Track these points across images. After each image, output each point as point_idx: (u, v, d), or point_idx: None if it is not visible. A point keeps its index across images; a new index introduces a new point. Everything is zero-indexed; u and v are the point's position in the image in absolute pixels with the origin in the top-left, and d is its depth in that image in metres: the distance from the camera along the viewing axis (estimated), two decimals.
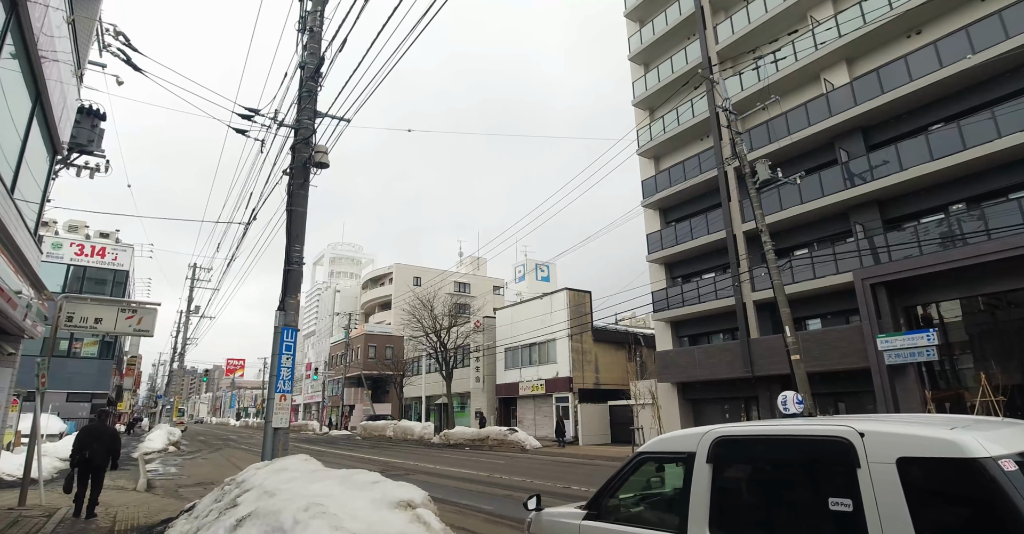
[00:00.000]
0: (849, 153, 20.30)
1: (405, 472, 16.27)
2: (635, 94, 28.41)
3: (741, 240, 22.28)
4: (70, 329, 9.45)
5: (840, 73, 21.17)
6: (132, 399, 65.38)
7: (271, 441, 7.48)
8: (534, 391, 30.52)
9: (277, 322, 7.93)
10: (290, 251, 8.41)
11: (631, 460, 4.00)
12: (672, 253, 25.17)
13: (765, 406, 21.27)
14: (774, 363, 20.27)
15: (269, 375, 7.73)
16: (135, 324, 10.04)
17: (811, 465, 2.96)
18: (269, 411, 7.57)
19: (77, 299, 9.86)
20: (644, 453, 3.96)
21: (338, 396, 53.59)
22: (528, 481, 13.83)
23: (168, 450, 26.65)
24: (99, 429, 8.63)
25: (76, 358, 29.83)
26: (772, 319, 21.70)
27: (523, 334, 31.58)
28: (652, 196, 26.39)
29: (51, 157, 9.40)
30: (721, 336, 24.15)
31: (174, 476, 16.16)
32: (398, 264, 60.15)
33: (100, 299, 10.01)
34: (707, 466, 3.42)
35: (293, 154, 9.05)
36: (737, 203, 22.63)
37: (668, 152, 27.17)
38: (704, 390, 23.68)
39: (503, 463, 19.45)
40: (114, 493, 11.99)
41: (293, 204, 8.64)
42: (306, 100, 9.20)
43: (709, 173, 23.70)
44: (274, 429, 7.57)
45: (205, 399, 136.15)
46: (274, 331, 7.94)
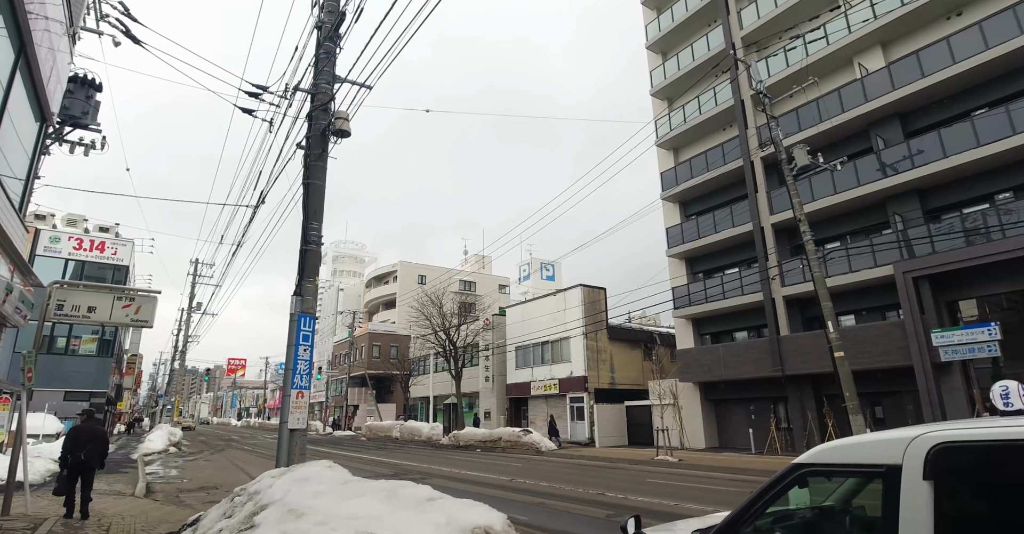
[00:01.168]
0: (886, 140, 19.30)
1: (421, 476, 15.28)
2: (653, 83, 27.43)
3: (769, 233, 21.28)
4: (60, 319, 8.47)
5: (875, 57, 20.18)
6: (132, 399, 64.44)
7: (287, 444, 6.49)
8: (547, 391, 29.52)
9: (293, 308, 6.94)
10: (307, 229, 7.43)
11: (785, 474, 2.98)
12: (694, 248, 24.16)
13: (795, 407, 20.26)
14: (806, 361, 19.27)
15: (284, 369, 6.75)
16: (132, 314, 9.06)
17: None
18: (284, 410, 6.59)
19: (68, 286, 8.87)
20: (807, 466, 2.93)
21: (341, 396, 52.59)
22: (556, 486, 12.83)
23: (169, 451, 25.69)
24: (90, 430, 8.44)
25: (74, 355, 28.87)
26: (802, 315, 20.73)
27: (535, 332, 30.59)
28: (672, 188, 25.39)
29: (40, 126, 8.42)
30: (746, 334, 23.15)
31: (175, 479, 15.18)
32: (403, 262, 59.18)
33: (94, 286, 9.04)
34: (925, 485, 2.40)
35: (309, 122, 8.08)
36: (765, 194, 21.63)
37: (688, 143, 26.18)
38: (728, 390, 22.68)
39: (520, 466, 18.46)
40: (110, 499, 11.02)
41: (310, 177, 7.67)
42: (324, 62, 8.23)
43: (734, 163, 22.71)
44: (290, 430, 6.59)
45: (206, 399, 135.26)
46: (289, 319, 6.95)
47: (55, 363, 28.02)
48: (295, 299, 7.06)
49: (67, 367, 28.32)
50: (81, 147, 10.65)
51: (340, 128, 7.63)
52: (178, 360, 35.99)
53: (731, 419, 23.13)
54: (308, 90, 8.21)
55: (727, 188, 23.87)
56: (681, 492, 11.93)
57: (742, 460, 17.75)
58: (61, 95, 8.88)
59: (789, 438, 20.21)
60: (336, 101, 8.35)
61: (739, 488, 12.62)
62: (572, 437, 27.42)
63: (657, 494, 11.51)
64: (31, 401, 26.36)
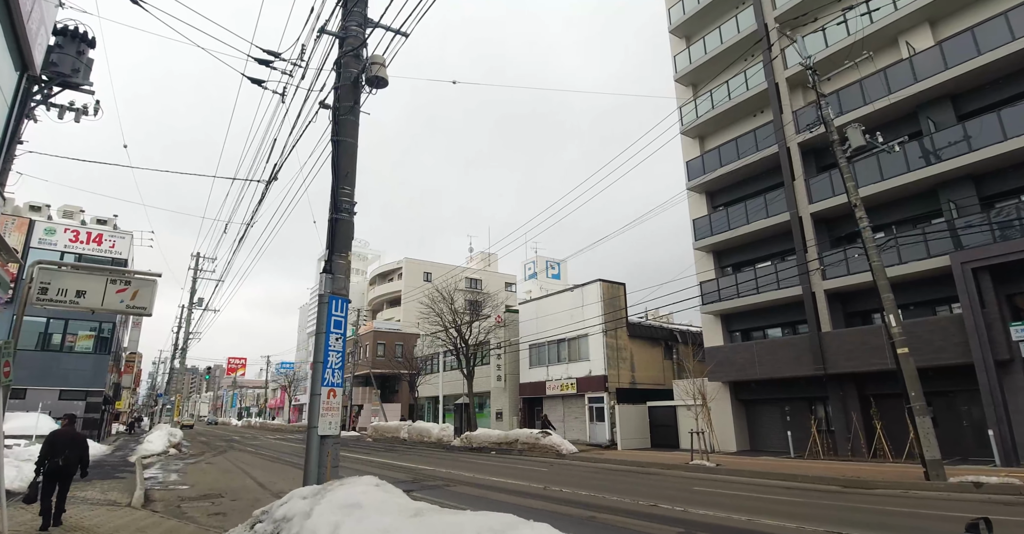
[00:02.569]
0: (936, 123, 18.06)
1: (444, 482, 14.04)
2: (676, 69, 26.18)
3: (808, 223, 20.03)
4: (44, 304, 7.22)
5: (922, 36, 18.93)
6: (131, 398, 63.16)
7: (317, 453, 5.25)
8: (563, 390, 28.27)
9: (323, 288, 5.70)
10: (338, 194, 6.19)
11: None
12: (722, 240, 22.91)
13: (837, 407, 19.01)
14: (851, 359, 18.03)
15: (313, 362, 5.51)
16: (128, 299, 7.80)
17: None
18: (314, 412, 5.34)
19: (54, 266, 7.61)
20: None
21: (346, 396, 51.32)
22: (598, 496, 11.59)
23: (168, 452, 24.45)
24: (71, 434, 7.96)
25: (70, 352, 27.63)
26: (844, 311, 19.47)
27: (550, 329, 29.33)
28: (698, 178, 24.14)
29: (20, 77, 7.16)
30: (780, 330, 21.90)
31: (176, 486, 13.92)
32: (408, 259, 57.92)
33: (83, 267, 7.78)
34: None
35: (338, 71, 6.83)
36: (803, 182, 20.36)
37: (715, 131, 24.93)
38: (761, 390, 21.43)
39: (546, 471, 17.23)
40: (104, 511, 9.78)
41: (340, 133, 6.42)
42: (353, 2, 6.96)
43: (768, 150, 21.45)
44: (320, 437, 5.34)
45: (206, 398, 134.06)
46: (318, 302, 5.71)
47: (50, 360, 26.82)
48: (324, 278, 5.82)
49: (63, 364, 27.11)
50: (71, 112, 9.41)
51: (376, 74, 6.38)
52: (179, 358, 34.71)
53: (763, 421, 21.88)
54: (336, 33, 6.96)
55: (759, 177, 22.63)
56: (744, 503, 10.70)
57: (785, 465, 16.50)
58: (46, 43, 7.62)
59: (830, 441, 18.97)
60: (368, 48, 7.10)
61: (804, 498, 11.37)
62: (591, 439, 26.19)
63: (718, 506, 10.27)
64: (23, 400, 24.97)
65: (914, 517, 9.65)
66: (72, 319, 27.83)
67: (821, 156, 20.96)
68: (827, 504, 10.78)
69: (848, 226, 19.81)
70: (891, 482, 12.93)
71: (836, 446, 18.88)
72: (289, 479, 14.86)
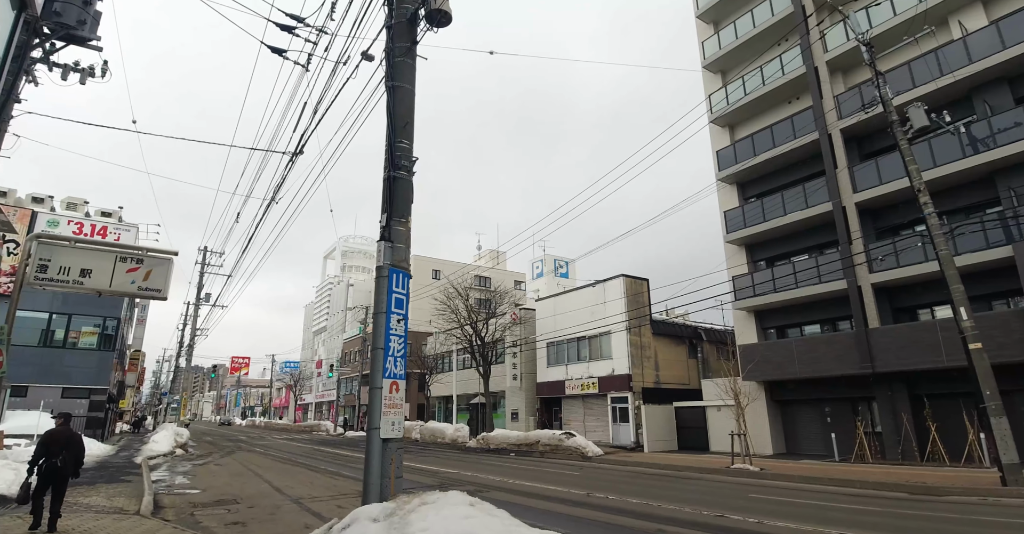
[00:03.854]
0: (992, 107, 16.97)
1: (475, 488, 12.98)
2: (705, 55, 25.11)
3: (853, 213, 18.93)
4: (44, 284, 6.21)
5: (975, 16, 17.85)
6: (134, 397, 62.26)
7: (379, 462, 4.21)
8: (584, 390, 27.21)
9: (381, 259, 4.67)
10: (394, 149, 5.16)
11: None
12: (756, 232, 21.82)
13: (885, 408, 17.91)
14: (901, 357, 16.94)
15: (371, 348, 4.48)
16: (141, 280, 6.79)
17: None
18: (374, 411, 4.31)
19: (56, 241, 6.60)
20: None
21: (353, 395, 50.37)
22: (651, 504, 10.54)
23: (175, 453, 23.49)
24: (66, 434, 7.57)
25: (73, 349, 26.66)
26: (891, 306, 18.38)
27: (569, 327, 28.29)
28: (730, 168, 23.05)
29: (16, 16, 6.14)
30: (819, 327, 20.80)
31: (186, 490, 12.90)
32: (416, 256, 56.89)
33: (90, 242, 6.76)
34: None
35: (390, 7, 5.77)
36: (847, 170, 19.27)
37: (746, 119, 23.85)
38: (799, 390, 20.34)
39: (577, 475, 16.18)
40: (110, 521, 8.76)
41: (396, 77, 5.40)
42: None
43: (808, 136, 20.37)
44: (382, 441, 4.29)
45: (209, 397, 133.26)
46: (376, 277, 4.67)
47: (52, 357, 25.86)
48: (383, 246, 4.78)
49: (65, 361, 26.15)
50: (76, 73, 8.38)
51: (439, 7, 5.33)
52: (184, 355, 33.73)
53: (801, 422, 20.80)
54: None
55: (796, 166, 21.55)
56: (819, 514, 9.64)
57: (835, 470, 15.41)
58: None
59: (877, 444, 17.87)
60: None
61: (878, 506, 10.28)
62: (614, 441, 25.12)
63: (793, 517, 9.22)
64: (25, 399, 23.94)
65: (1011, 529, 8.60)
66: (75, 315, 26.89)
67: (864, 143, 19.89)
68: (910, 514, 9.72)
69: (895, 216, 18.75)
70: (964, 489, 11.87)
71: (884, 449, 17.79)
72: (306, 483, 13.85)
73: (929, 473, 14.28)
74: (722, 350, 29.81)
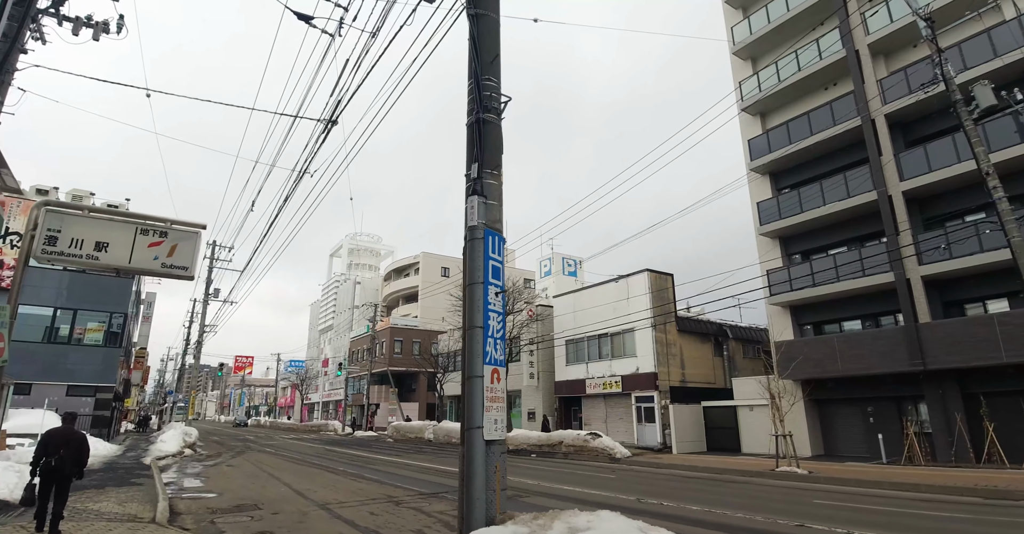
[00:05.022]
0: None
1: (513, 492, 12.05)
2: (734, 41, 24.14)
3: (900, 202, 17.95)
4: (53, 258, 5.30)
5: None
6: (138, 396, 61.43)
7: (483, 471, 3.29)
8: (606, 389, 26.27)
9: (475, 218, 3.74)
10: (480, 88, 4.24)
11: None
12: (793, 224, 20.84)
13: (936, 407, 16.93)
14: (955, 353, 15.96)
15: (464, 329, 3.54)
16: (164, 256, 5.89)
17: None
18: (474, 405, 3.38)
19: (67, 209, 5.69)
20: None
21: (361, 394, 49.47)
22: (717, 512, 9.61)
23: (184, 453, 22.64)
24: (67, 433, 7.38)
25: (79, 345, 25.79)
26: (941, 300, 17.40)
27: (590, 324, 27.35)
28: (763, 157, 22.08)
29: None
30: (859, 322, 19.83)
31: (202, 493, 12.01)
32: (425, 253, 56.03)
33: (107, 212, 5.84)
34: None
35: None
36: (892, 157, 18.29)
37: (779, 106, 22.87)
38: (839, 389, 19.36)
39: (614, 478, 15.25)
40: (125, 530, 7.85)
41: (479, 5, 4.47)
42: None
43: (849, 123, 19.39)
44: (486, 443, 3.35)
45: (213, 396, 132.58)
46: (467, 239, 3.75)
47: (57, 354, 25.01)
48: (476, 202, 3.86)
49: (70, 358, 25.29)
50: (88, 28, 7.47)
51: None
52: (192, 352, 32.87)
53: (840, 422, 19.82)
54: None
55: (835, 154, 20.58)
56: (908, 522, 8.70)
57: (891, 472, 14.41)
58: None
59: (927, 444, 16.89)
60: None
61: (968, 513, 9.28)
62: (639, 441, 24.17)
63: (885, 527, 8.28)
64: (29, 396, 23.05)
65: None
66: (81, 310, 26.04)
67: (909, 130, 18.93)
68: (1005, 521, 8.78)
69: (944, 205, 17.78)
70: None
71: (935, 451, 16.81)
72: (328, 486, 12.95)
73: (994, 475, 13.31)
74: (748, 348, 28.95)
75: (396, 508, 10.11)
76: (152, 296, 42.21)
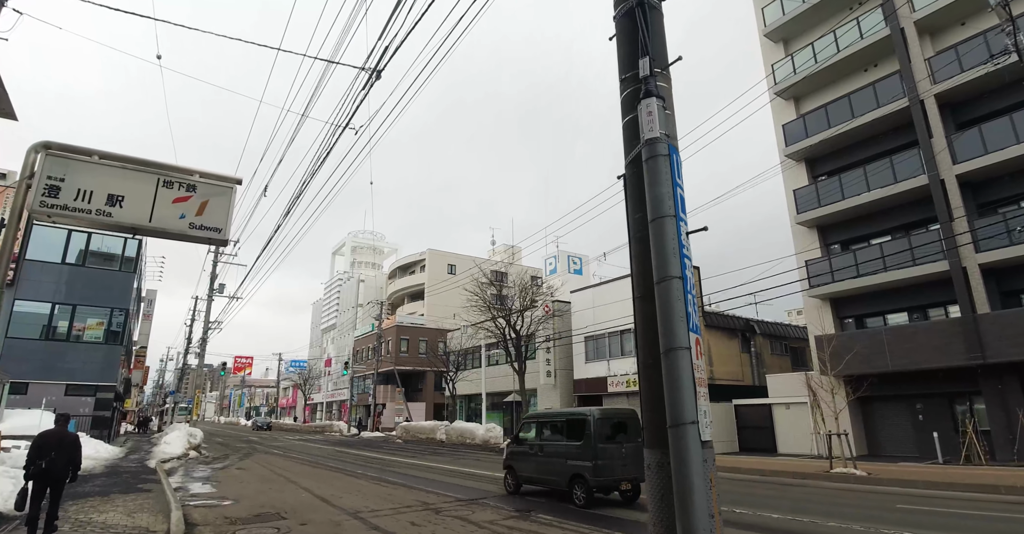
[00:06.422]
0: None
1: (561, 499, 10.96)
2: (765, 22, 23.09)
3: (953, 187, 16.90)
4: (55, 213, 4.23)
5: None
6: (138, 396, 60.13)
7: (704, 487, 2.22)
8: (629, 387, 25.16)
9: (651, 128, 2.67)
10: None
11: None
12: (832, 212, 19.76)
13: (994, 403, 15.88)
14: (1020, 345, 14.94)
15: (655, 285, 2.41)
16: (192, 214, 4.84)
17: None
18: (676, 393, 2.31)
19: (73, 154, 4.57)
20: None
21: (367, 393, 48.28)
22: (803, 520, 8.54)
23: (189, 456, 21.52)
24: (60, 435, 7.23)
25: (78, 343, 24.62)
26: (999, 289, 16.36)
27: (612, 319, 26.25)
28: (799, 142, 21.01)
29: None
30: (906, 315, 18.78)
31: (216, 500, 10.90)
32: (431, 250, 54.87)
33: (121, 159, 4.72)
34: None
35: None
36: (943, 139, 17.24)
37: (814, 90, 21.79)
38: (885, 385, 18.28)
39: None
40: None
41: None
42: None
43: (895, 104, 18.33)
44: (701, 444, 2.22)
45: (212, 397, 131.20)
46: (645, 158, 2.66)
47: (55, 352, 23.81)
48: (653, 106, 2.79)
49: (69, 357, 24.11)
50: None
51: None
52: (194, 351, 31.69)
53: (886, 421, 18.77)
54: None
55: (877, 138, 19.53)
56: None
57: (960, 473, 13.32)
58: None
59: (984, 442, 15.82)
60: None
61: None
62: None
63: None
64: (26, 396, 21.82)
65: None
66: (80, 305, 24.87)
67: (959, 111, 17.88)
68: None
69: (1001, 190, 16.74)
70: None
71: (993, 449, 15.76)
72: (352, 491, 11.84)
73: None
74: (775, 344, 27.91)
75: (437, 517, 9.02)
76: (153, 293, 41.04)
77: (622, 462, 10.19)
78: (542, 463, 11.37)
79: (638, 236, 2.91)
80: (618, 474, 10.12)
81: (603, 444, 10.29)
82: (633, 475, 10.08)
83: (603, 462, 10.07)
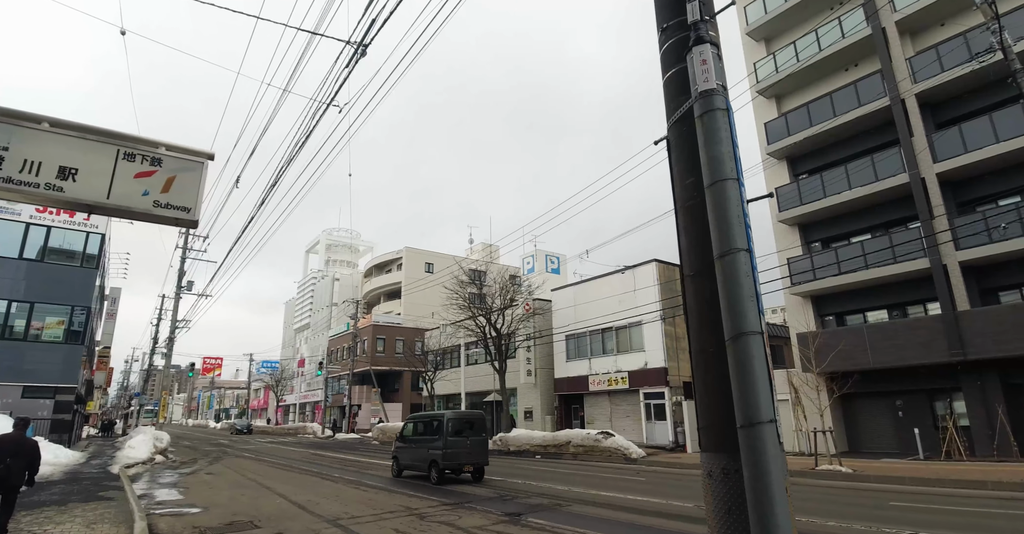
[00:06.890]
0: None
1: (550, 501, 10.56)
2: (748, 21, 23.12)
3: (934, 185, 17.05)
4: (5, 190, 3.62)
5: None
6: (101, 398, 57.90)
7: (783, 496, 1.81)
8: (611, 385, 24.97)
9: (706, 78, 2.35)
10: None
11: None
12: (814, 210, 19.84)
13: (974, 399, 16.06)
14: (1000, 342, 15.12)
15: (717, 259, 2.04)
16: (157, 191, 4.34)
17: None
18: (748, 387, 2.02)
19: (18, 119, 3.99)
20: None
21: (342, 394, 47.27)
22: (802, 520, 8.31)
23: (155, 460, 20.53)
24: (18, 440, 6.84)
25: (36, 342, 23.38)
26: (979, 286, 16.55)
27: (593, 317, 26.06)
28: (781, 140, 21.05)
29: None
30: (886, 312, 18.93)
31: (184, 508, 10.23)
32: (408, 248, 54.07)
33: (76, 128, 4.16)
34: None
35: None
36: (925, 139, 17.39)
37: (796, 89, 21.88)
38: (866, 382, 18.38)
39: (644, 481, 13.93)
40: None
41: None
42: None
43: (876, 103, 18.46)
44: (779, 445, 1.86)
45: (180, 399, 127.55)
46: (700, 112, 2.32)
47: (12, 352, 22.55)
48: (708, 53, 2.44)
49: (27, 357, 22.87)
50: None
51: None
52: (161, 351, 30.45)
53: (866, 417, 18.91)
54: None
55: (859, 136, 19.66)
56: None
57: (943, 469, 13.37)
58: None
59: (964, 439, 15.99)
60: None
61: None
62: (649, 440, 22.93)
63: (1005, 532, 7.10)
64: None
65: None
66: (39, 303, 23.63)
67: (938, 111, 18.09)
68: None
69: (979, 189, 16.96)
70: None
71: (973, 445, 15.93)
72: (330, 497, 11.28)
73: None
74: None
75: (422, 523, 8.57)
76: (117, 291, 39.35)
77: (467, 451, 13.64)
78: (414, 452, 14.64)
79: (687, 205, 2.53)
80: (463, 460, 13.54)
81: (452, 437, 13.60)
82: (475, 461, 13.69)
83: (451, 451, 13.39)
